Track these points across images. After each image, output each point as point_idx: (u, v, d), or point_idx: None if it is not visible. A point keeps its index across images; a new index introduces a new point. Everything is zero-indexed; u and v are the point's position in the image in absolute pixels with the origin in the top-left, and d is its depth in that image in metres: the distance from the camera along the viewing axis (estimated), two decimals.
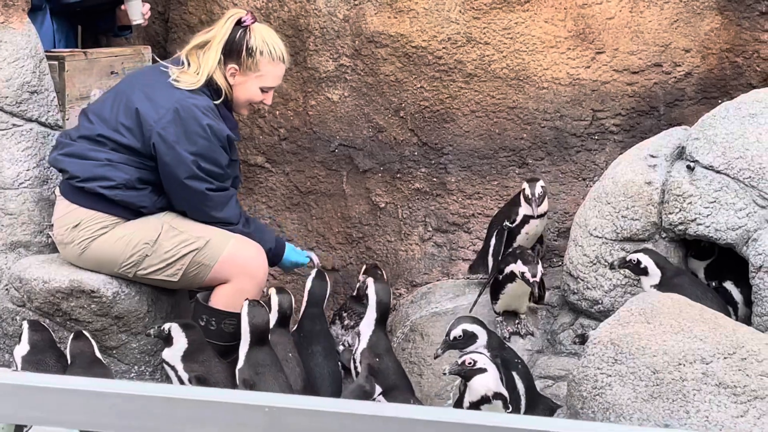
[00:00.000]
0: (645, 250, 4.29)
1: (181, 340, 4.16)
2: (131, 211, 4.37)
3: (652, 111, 5.17)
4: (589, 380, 3.50)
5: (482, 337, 4.09)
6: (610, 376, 3.46)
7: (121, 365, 4.44)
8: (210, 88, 4.41)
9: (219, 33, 4.42)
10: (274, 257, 4.58)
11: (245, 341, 4.15)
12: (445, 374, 3.90)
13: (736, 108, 4.44)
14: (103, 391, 1.43)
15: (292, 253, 4.66)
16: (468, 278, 5.11)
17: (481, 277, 4.93)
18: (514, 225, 4.77)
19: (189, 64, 4.42)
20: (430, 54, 5.23)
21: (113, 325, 4.39)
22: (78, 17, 5.32)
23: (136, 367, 4.46)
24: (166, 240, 4.33)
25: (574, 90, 5.17)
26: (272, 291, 4.49)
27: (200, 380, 4.06)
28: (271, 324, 4.32)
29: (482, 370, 3.74)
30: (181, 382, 4.11)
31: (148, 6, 5.21)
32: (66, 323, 4.37)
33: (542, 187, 4.75)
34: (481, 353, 3.87)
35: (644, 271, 4.24)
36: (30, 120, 4.72)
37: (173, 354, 4.16)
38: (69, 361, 4.16)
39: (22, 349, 4.19)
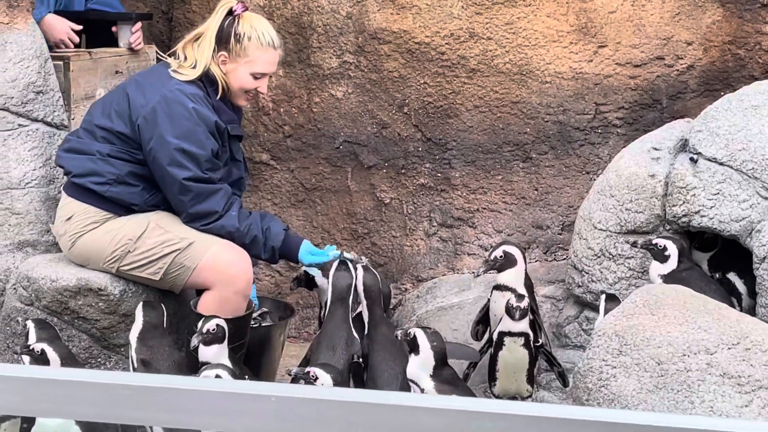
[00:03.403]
0: (674, 239, 4.25)
1: (139, 320, 4.10)
2: (123, 208, 4.36)
3: (654, 104, 5.18)
4: (594, 372, 3.51)
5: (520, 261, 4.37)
6: (615, 367, 3.47)
7: (128, 363, 4.45)
8: (207, 80, 4.38)
9: (211, 24, 4.40)
10: (286, 256, 4.44)
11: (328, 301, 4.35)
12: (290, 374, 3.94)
13: (738, 100, 4.44)
14: (106, 382, 1.45)
15: (308, 255, 4.42)
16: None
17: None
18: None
19: (186, 58, 4.40)
20: (433, 50, 5.24)
21: (121, 323, 4.39)
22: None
23: None
24: (150, 238, 4.30)
25: (577, 84, 5.18)
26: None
27: (144, 363, 3.99)
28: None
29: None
30: (132, 361, 4.07)
31: (138, 35, 5.20)
32: (74, 321, 4.39)
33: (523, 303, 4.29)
34: (328, 373, 3.83)
35: (665, 258, 4.21)
36: (36, 120, 4.73)
37: (133, 333, 4.10)
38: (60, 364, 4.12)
39: None
